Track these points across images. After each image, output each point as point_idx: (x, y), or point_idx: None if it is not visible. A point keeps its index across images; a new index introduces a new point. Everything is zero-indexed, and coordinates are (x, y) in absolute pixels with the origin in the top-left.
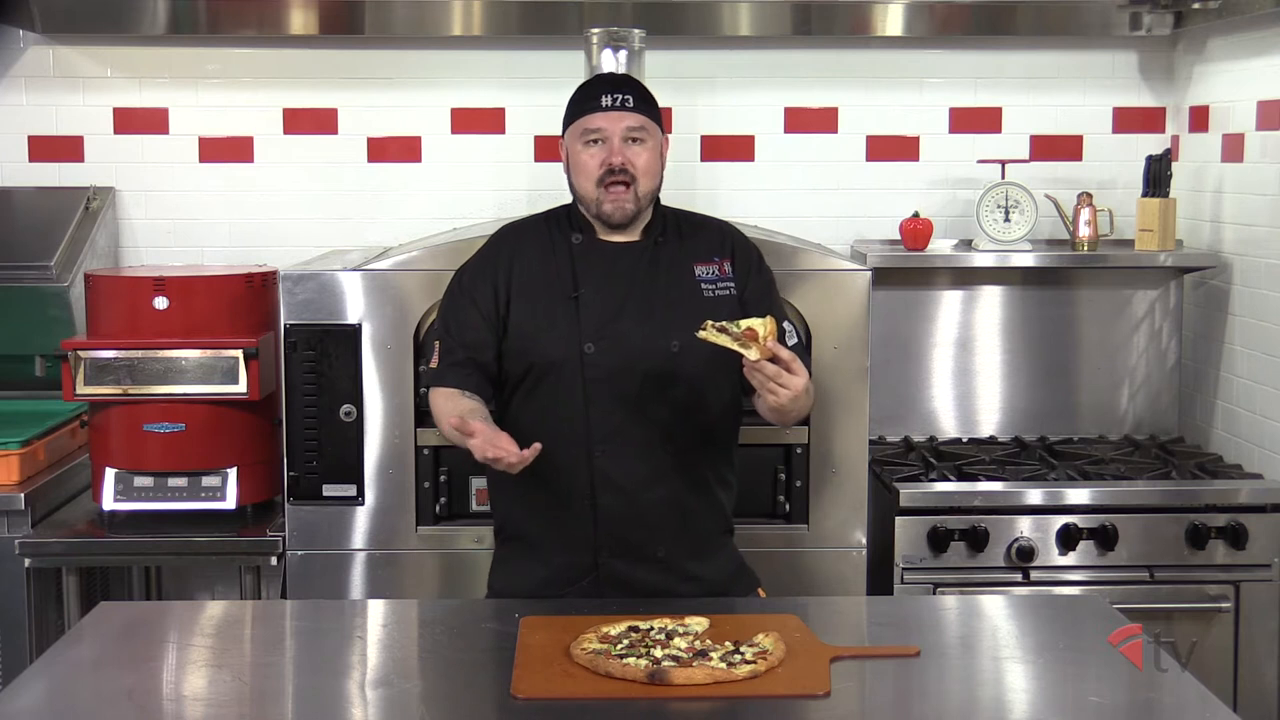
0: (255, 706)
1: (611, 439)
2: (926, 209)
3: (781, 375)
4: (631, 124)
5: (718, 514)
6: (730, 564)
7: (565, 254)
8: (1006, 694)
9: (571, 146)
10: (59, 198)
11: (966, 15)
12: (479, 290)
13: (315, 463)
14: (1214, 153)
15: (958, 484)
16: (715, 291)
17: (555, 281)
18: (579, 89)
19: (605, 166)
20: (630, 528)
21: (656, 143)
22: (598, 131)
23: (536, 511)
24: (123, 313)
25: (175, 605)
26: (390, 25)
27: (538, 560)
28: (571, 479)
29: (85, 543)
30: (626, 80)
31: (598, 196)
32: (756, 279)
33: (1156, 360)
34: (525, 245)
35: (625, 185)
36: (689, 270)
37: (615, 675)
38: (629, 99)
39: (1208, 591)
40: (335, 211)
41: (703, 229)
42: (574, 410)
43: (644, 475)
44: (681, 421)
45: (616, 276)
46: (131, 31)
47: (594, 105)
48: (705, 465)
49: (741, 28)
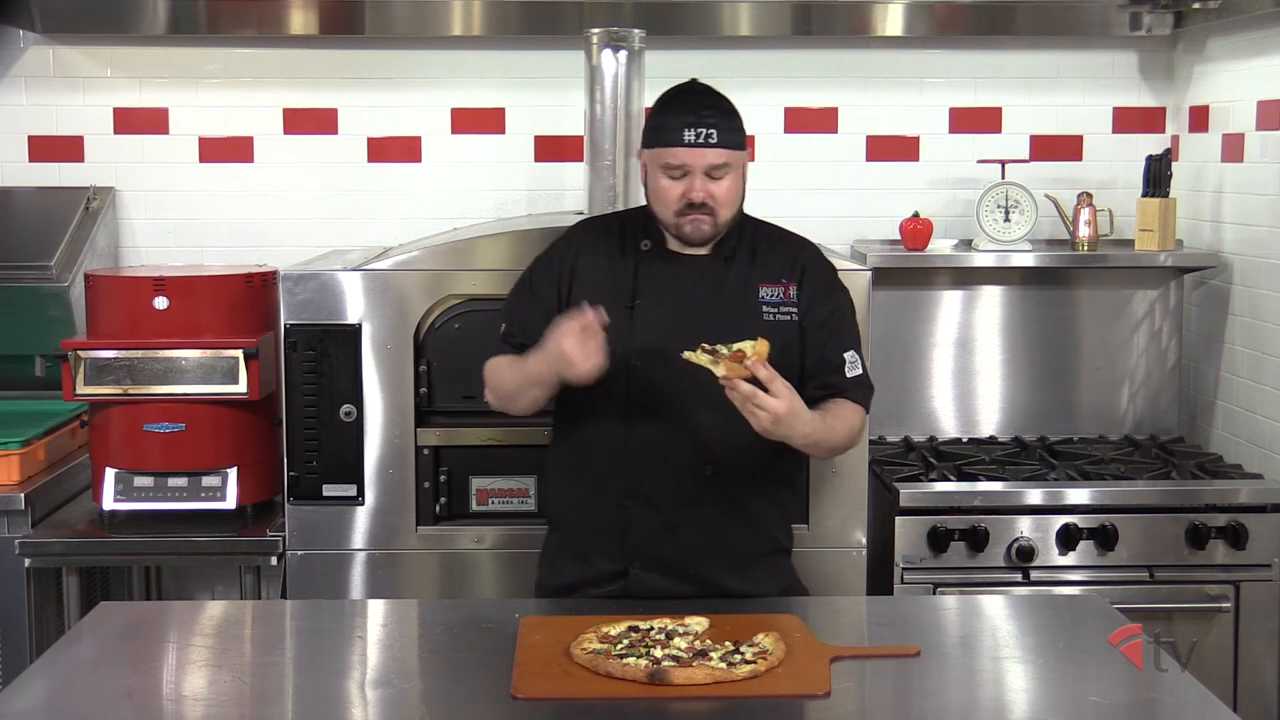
0: (255, 706)
1: (649, 455)
2: (926, 209)
3: (757, 396)
4: (715, 161)
5: (761, 534)
6: (778, 582)
7: (631, 261)
8: (1006, 694)
9: (651, 168)
10: (59, 198)
11: (966, 15)
12: (543, 285)
13: (315, 463)
14: (1214, 153)
15: (958, 484)
16: (776, 315)
17: (616, 286)
18: (662, 106)
19: (685, 200)
20: (660, 544)
21: (739, 169)
22: (680, 167)
23: (575, 510)
24: (123, 313)
25: (175, 605)
26: (390, 25)
27: (576, 558)
28: (606, 484)
29: (85, 543)
30: (711, 106)
31: (676, 222)
32: (822, 305)
33: (1156, 360)
34: (594, 245)
35: (706, 214)
36: (754, 290)
37: (615, 675)
38: (713, 134)
39: (1208, 591)
40: (335, 211)
41: (779, 247)
42: (614, 421)
43: (679, 494)
44: (724, 444)
45: (678, 291)
46: (131, 31)
47: (676, 138)
48: (750, 489)
49: (741, 28)
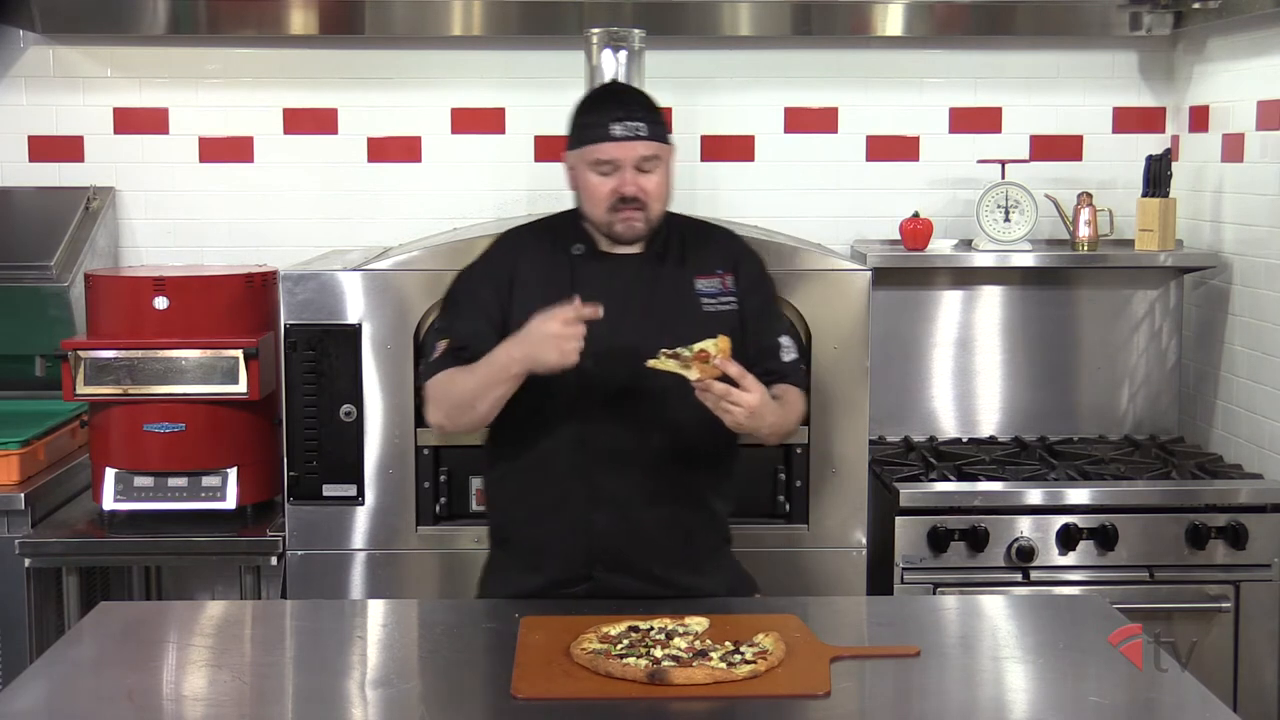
0: (255, 706)
1: (608, 455)
2: (926, 209)
3: (731, 393)
4: (645, 153)
5: (716, 527)
6: (729, 575)
7: (565, 265)
8: (1006, 694)
9: (579, 168)
10: (59, 198)
11: (966, 15)
12: (482, 295)
13: (315, 463)
14: (1214, 153)
15: (958, 484)
16: (716, 306)
17: (555, 292)
18: (586, 106)
19: (617, 195)
20: (626, 544)
21: (667, 163)
22: (610, 162)
23: (532, 520)
24: (123, 313)
25: (175, 605)
26: (390, 25)
27: (532, 567)
28: (567, 493)
29: (85, 543)
30: (636, 102)
31: (608, 219)
32: (758, 293)
33: (1156, 360)
34: (527, 253)
35: (638, 209)
36: (690, 284)
37: (615, 675)
38: (641, 127)
39: (1208, 591)
40: (335, 211)
41: (709, 241)
42: (570, 425)
43: (641, 492)
44: (680, 438)
45: (616, 290)
46: (131, 31)
47: (604, 134)
48: (704, 481)
49: (741, 28)
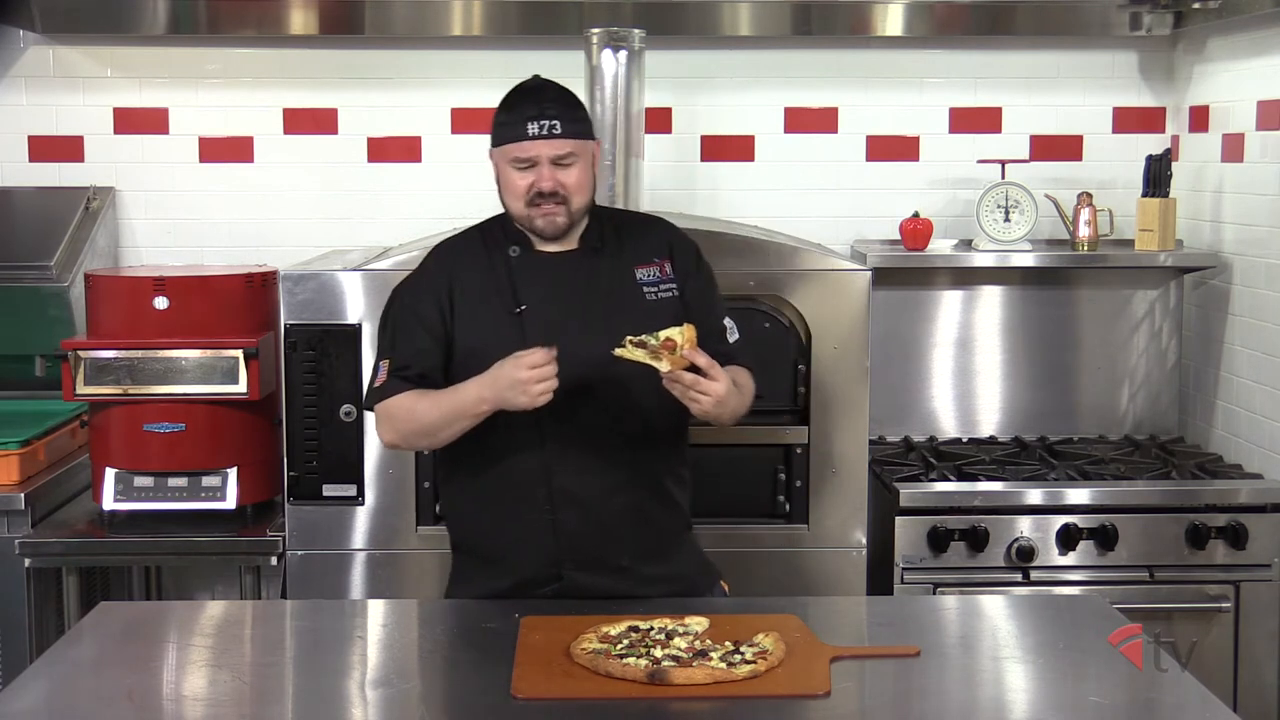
0: (255, 706)
1: (567, 453)
2: (926, 209)
3: (700, 383)
4: (559, 151)
5: (677, 514)
6: (692, 561)
7: (504, 268)
8: (1006, 694)
9: (500, 164)
10: (59, 198)
11: (966, 15)
12: (423, 308)
13: (315, 463)
14: (1214, 153)
15: (958, 484)
16: (658, 294)
17: (497, 297)
18: (505, 104)
19: (535, 190)
20: (592, 540)
21: (587, 158)
22: (527, 160)
23: (494, 525)
24: (123, 313)
25: (175, 605)
26: (390, 25)
27: (498, 572)
28: (528, 494)
29: (85, 543)
30: (552, 96)
31: (528, 214)
32: (696, 277)
33: (1156, 360)
34: (463, 261)
35: (557, 203)
36: (630, 274)
37: (615, 675)
38: (556, 124)
39: (1208, 591)
40: (335, 211)
41: (642, 230)
42: (527, 426)
43: (602, 486)
44: (635, 428)
45: (557, 288)
46: (131, 31)
47: (520, 132)
48: (662, 468)
49: (741, 28)
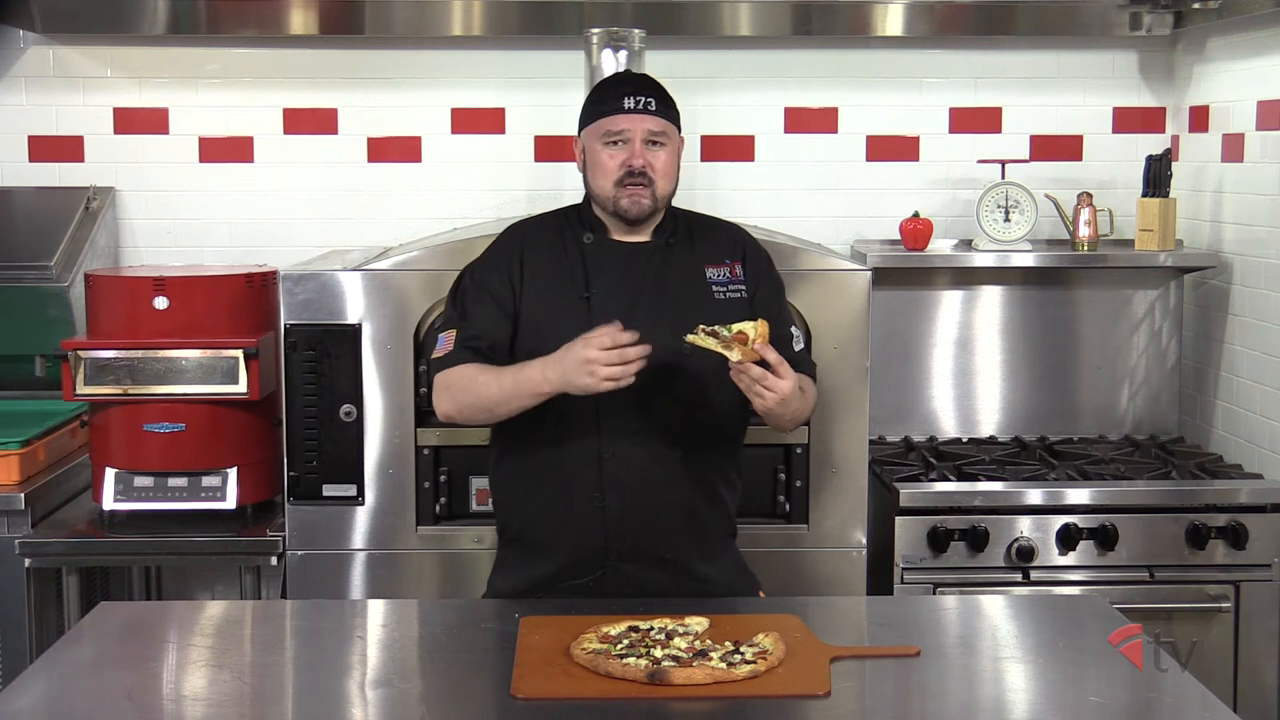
0: (255, 706)
1: (621, 441)
2: (926, 209)
3: (767, 378)
4: (653, 127)
5: (723, 516)
6: (734, 566)
7: (577, 253)
8: (1006, 694)
9: (590, 145)
10: (59, 198)
11: (966, 15)
12: (493, 284)
13: (315, 463)
14: (1214, 153)
15: (958, 484)
16: (726, 294)
17: (567, 280)
18: (598, 87)
19: (625, 168)
20: (639, 530)
21: (675, 146)
22: (620, 133)
23: (543, 513)
24: (123, 313)
25: (175, 605)
26: (390, 25)
27: (543, 560)
28: (579, 480)
29: (85, 543)
30: (648, 81)
31: (615, 194)
32: (768, 283)
33: (1156, 360)
34: (537, 242)
35: (644, 185)
36: (700, 272)
37: (615, 675)
38: (651, 101)
39: (1208, 591)
40: (335, 211)
41: (715, 231)
42: (584, 412)
43: (653, 478)
44: (691, 423)
45: (628, 277)
46: (131, 31)
47: (616, 106)
48: (713, 467)
49: (741, 28)
